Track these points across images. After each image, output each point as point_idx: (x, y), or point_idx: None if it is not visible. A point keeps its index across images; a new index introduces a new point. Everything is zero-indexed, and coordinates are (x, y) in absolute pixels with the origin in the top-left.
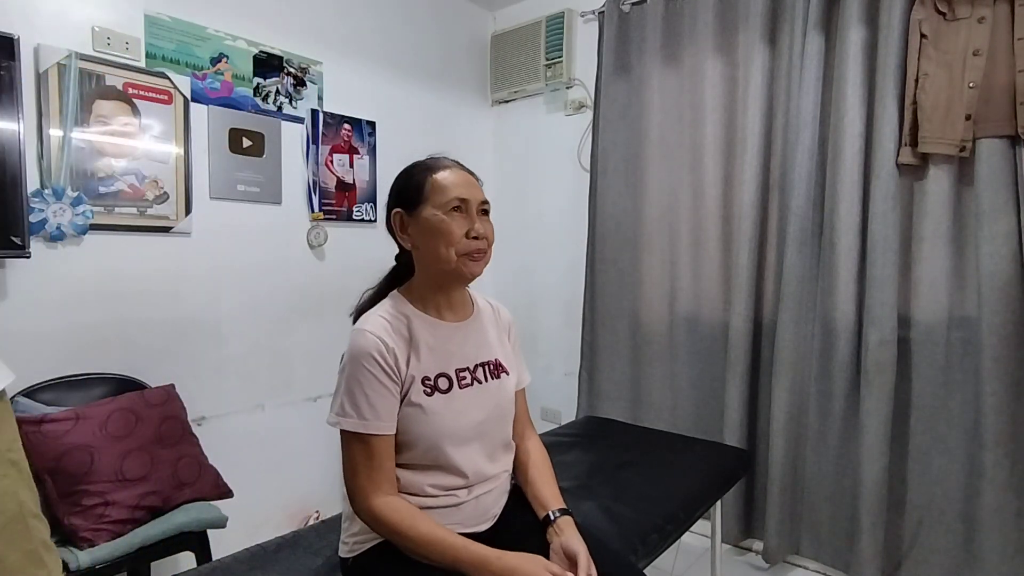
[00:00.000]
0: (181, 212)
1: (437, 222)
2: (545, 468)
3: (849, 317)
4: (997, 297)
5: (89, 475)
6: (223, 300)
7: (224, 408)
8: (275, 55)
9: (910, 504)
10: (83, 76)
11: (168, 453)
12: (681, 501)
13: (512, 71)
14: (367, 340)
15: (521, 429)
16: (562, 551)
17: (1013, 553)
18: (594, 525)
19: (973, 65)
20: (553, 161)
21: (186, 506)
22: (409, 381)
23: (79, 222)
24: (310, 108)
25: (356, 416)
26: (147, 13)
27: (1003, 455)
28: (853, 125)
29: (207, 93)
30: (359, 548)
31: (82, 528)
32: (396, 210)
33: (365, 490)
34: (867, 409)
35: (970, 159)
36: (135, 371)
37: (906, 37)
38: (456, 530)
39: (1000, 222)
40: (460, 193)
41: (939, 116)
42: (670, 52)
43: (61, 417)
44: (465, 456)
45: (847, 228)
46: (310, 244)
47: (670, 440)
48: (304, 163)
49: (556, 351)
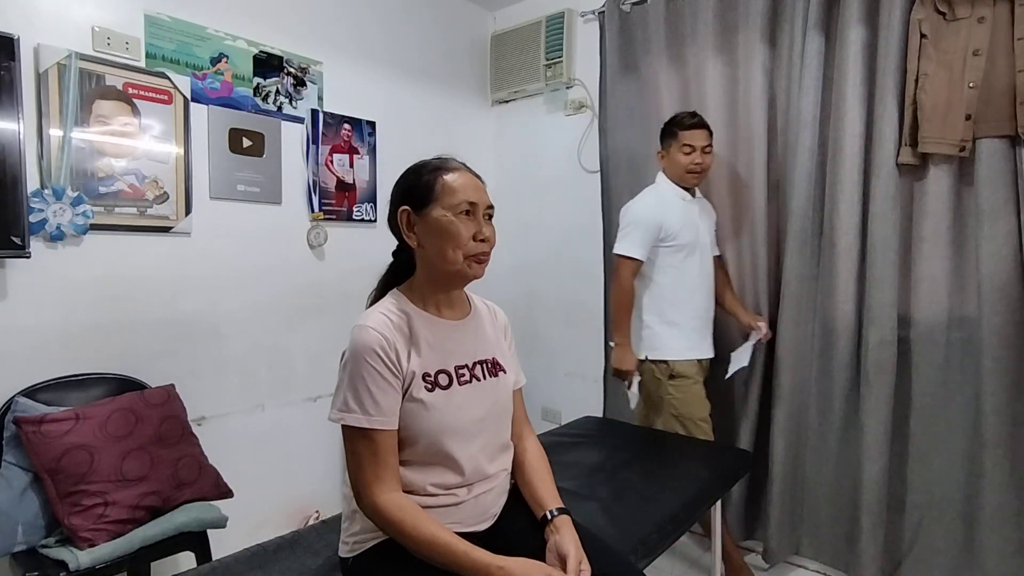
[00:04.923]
0: (181, 212)
1: (447, 223)
2: (543, 468)
3: (849, 317)
4: (997, 297)
5: (89, 475)
6: (223, 300)
7: (224, 408)
8: (275, 55)
9: (910, 504)
10: (83, 76)
11: (168, 453)
12: (681, 501)
13: (512, 71)
14: (369, 336)
15: (519, 429)
16: (556, 551)
17: (1013, 553)
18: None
19: (973, 65)
20: (553, 161)
21: (186, 506)
22: (410, 377)
23: (79, 222)
24: (310, 108)
25: (360, 411)
26: (147, 13)
27: (1003, 455)
28: (853, 125)
29: (207, 93)
30: (359, 548)
31: (82, 528)
32: (403, 208)
33: (370, 486)
34: (867, 409)
35: (970, 159)
36: (135, 371)
37: (906, 37)
38: (455, 529)
39: (1000, 222)
40: (470, 196)
41: (939, 116)
42: (674, 52)
43: (61, 417)
44: (466, 453)
45: (847, 228)
46: (310, 244)
47: (670, 440)
48: (304, 163)
49: (556, 351)
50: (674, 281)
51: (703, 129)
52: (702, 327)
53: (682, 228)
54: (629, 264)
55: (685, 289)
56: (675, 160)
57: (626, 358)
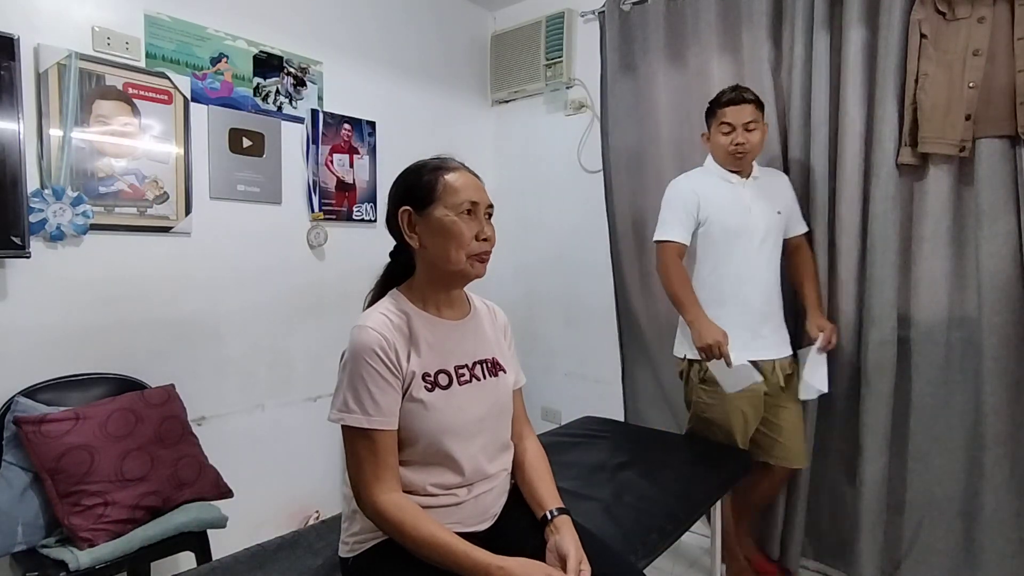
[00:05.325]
0: (181, 212)
1: (449, 223)
2: (543, 468)
3: (849, 317)
4: (997, 297)
5: (89, 475)
6: (223, 300)
7: (224, 408)
8: (275, 55)
9: (910, 504)
10: (83, 76)
11: (168, 453)
12: (681, 501)
13: (512, 71)
14: (369, 336)
15: (519, 429)
16: (556, 551)
17: (1013, 553)
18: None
19: (973, 65)
20: (553, 161)
21: (186, 506)
22: (410, 377)
23: (79, 222)
24: (310, 108)
25: (360, 412)
26: (147, 13)
27: (1003, 455)
28: (853, 125)
29: (207, 93)
30: (359, 548)
31: (82, 528)
32: (404, 208)
33: (370, 486)
34: (867, 409)
35: (970, 159)
36: (135, 371)
37: (906, 37)
38: (456, 529)
39: (1000, 222)
40: (472, 196)
41: (939, 116)
42: (674, 51)
43: (61, 417)
44: (466, 453)
45: (847, 228)
46: (310, 244)
47: (670, 440)
48: (304, 163)
49: (556, 351)
50: (715, 271)
51: (744, 104)
52: (754, 324)
53: (721, 211)
54: (667, 247)
55: (728, 280)
56: (715, 141)
57: (705, 330)
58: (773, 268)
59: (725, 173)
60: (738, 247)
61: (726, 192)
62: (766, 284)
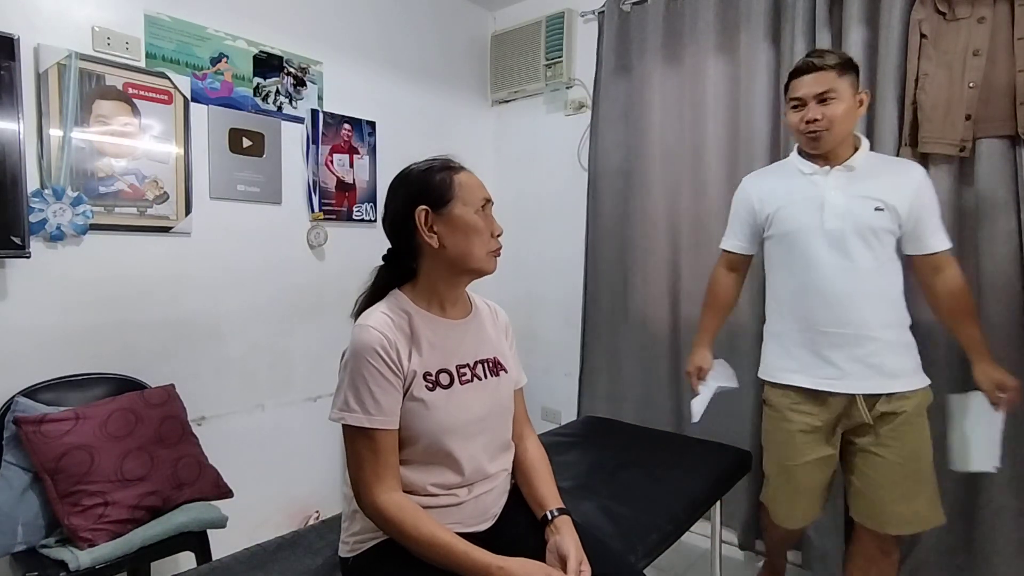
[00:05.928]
0: (181, 212)
1: (471, 220)
2: (543, 468)
3: None
4: (997, 297)
5: (89, 475)
6: (223, 300)
7: (224, 408)
8: (275, 55)
9: None
10: (83, 76)
11: (168, 453)
12: (681, 501)
13: (512, 71)
14: (370, 335)
15: (520, 429)
16: (556, 551)
17: (1013, 553)
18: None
19: (973, 65)
20: (553, 161)
21: (186, 506)
22: (411, 376)
23: (79, 222)
24: (310, 108)
25: (360, 411)
26: (147, 13)
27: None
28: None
29: (207, 93)
30: (359, 548)
31: (82, 528)
32: (422, 207)
33: (370, 485)
34: None
35: (970, 159)
36: (135, 371)
37: (906, 37)
38: (456, 529)
39: (1000, 222)
40: (485, 193)
41: (939, 116)
42: (671, 52)
43: (61, 417)
44: (466, 452)
45: None
46: (310, 244)
47: (670, 440)
48: (304, 163)
49: (556, 351)
50: (776, 280)
51: (816, 72)
52: (819, 344)
53: (784, 209)
54: (721, 258)
55: (789, 290)
56: (789, 121)
57: (693, 357)
58: (860, 279)
59: (800, 161)
60: (798, 251)
61: (798, 186)
62: (845, 298)
